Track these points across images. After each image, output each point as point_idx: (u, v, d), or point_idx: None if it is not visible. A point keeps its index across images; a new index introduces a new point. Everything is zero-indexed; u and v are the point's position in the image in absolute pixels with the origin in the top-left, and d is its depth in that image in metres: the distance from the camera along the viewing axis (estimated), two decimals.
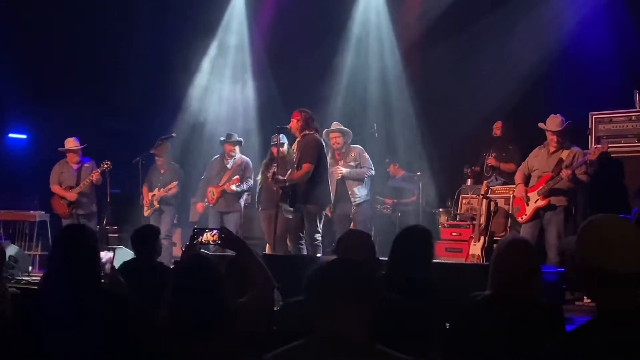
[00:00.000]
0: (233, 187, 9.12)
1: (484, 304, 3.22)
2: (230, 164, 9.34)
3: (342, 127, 8.86)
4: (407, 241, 3.98)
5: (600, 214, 2.30)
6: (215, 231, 3.67)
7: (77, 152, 9.52)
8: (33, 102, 10.86)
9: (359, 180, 8.74)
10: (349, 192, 8.67)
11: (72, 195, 9.30)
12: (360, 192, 8.72)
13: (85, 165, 9.46)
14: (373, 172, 8.92)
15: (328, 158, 8.61)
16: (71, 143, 9.51)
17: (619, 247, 2.17)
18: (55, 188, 9.45)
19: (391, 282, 3.64)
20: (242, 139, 9.63)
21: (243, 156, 9.49)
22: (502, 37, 9.52)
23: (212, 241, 3.65)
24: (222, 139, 9.59)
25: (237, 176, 9.17)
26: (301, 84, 10.51)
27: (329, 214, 8.63)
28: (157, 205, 9.55)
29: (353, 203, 8.63)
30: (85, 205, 9.41)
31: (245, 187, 9.28)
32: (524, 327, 3.00)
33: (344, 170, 8.64)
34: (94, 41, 11.02)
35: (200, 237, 3.69)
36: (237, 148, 9.41)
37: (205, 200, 9.45)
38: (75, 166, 9.49)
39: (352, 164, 8.72)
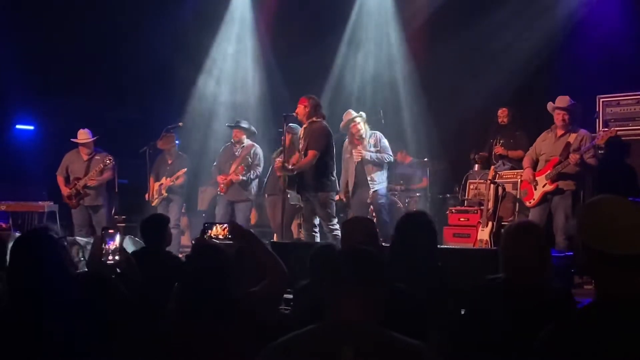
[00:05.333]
0: (239, 177, 9.08)
1: (499, 287, 3.24)
2: (238, 151, 9.31)
3: (358, 115, 8.57)
4: (409, 227, 3.90)
5: (601, 195, 2.24)
6: (225, 225, 3.67)
7: (89, 145, 9.50)
8: (40, 93, 10.87)
9: (379, 165, 8.49)
10: (368, 178, 8.44)
11: (64, 190, 9.34)
12: (379, 178, 8.49)
13: (96, 157, 9.41)
14: (392, 158, 8.72)
15: (347, 143, 8.63)
16: (83, 135, 9.46)
17: (617, 229, 2.12)
18: (59, 179, 9.49)
19: (394, 269, 3.61)
20: (250, 127, 9.52)
21: (252, 143, 9.41)
22: (508, 22, 9.48)
23: (222, 235, 3.67)
24: (229, 124, 9.61)
25: (243, 165, 9.13)
26: (307, 72, 10.49)
27: (344, 199, 8.62)
28: (165, 194, 9.56)
29: (372, 189, 8.44)
30: (93, 196, 9.37)
31: (252, 175, 9.21)
32: (537, 310, 3.01)
33: (364, 152, 8.42)
34: (100, 31, 11.02)
35: (210, 230, 3.71)
36: (244, 135, 9.36)
37: (218, 189, 9.43)
38: (86, 157, 9.48)
39: (371, 149, 8.50)
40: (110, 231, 3.71)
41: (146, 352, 3.09)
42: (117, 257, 3.64)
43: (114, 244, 3.66)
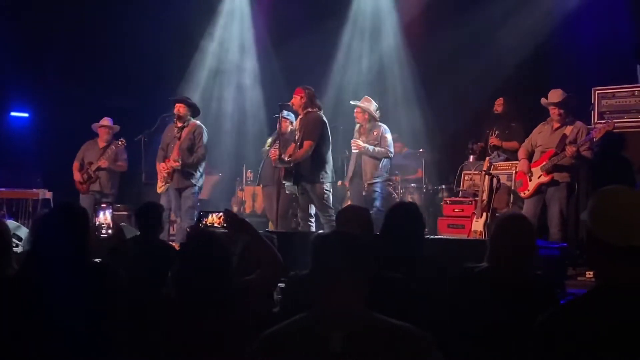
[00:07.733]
0: (178, 163, 8.43)
1: (480, 276, 3.32)
2: (179, 133, 8.68)
3: (364, 105, 8.52)
4: (396, 218, 3.95)
5: (614, 185, 2.24)
6: (220, 213, 3.69)
7: (109, 131, 9.56)
8: (35, 80, 10.83)
9: (375, 159, 8.42)
10: (364, 170, 8.42)
11: (77, 176, 9.36)
12: (374, 172, 8.41)
13: (112, 146, 9.43)
14: (391, 154, 8.56)
15: (356, 130, 8.62)
16: (105, 121, 9.61)
17: (625, 220, 2.12)
18: (75, 165, 9.51)
19: (383, 259, 3.63)
20: (195, 104, 9.00)
21: (196, 122, 8.81)
22: (504, 12, 9.47)
23: (218, 223, 3.68)
24: (172, 98, 9.04)
25: (184, 149, 8.50)
26: (303, 61, 10.46)
27: (347, 185, 8.81)
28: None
29: (366, 181, 8.42)
30: (104, 183, 9.37)
31: (195, 159, 8.57)
32: (518, 299, 3.11)
33: (362, 144, 8.38)
34: (95, 19, 10.98)
35: (205, 219, 3.72)
36: (188, 112, 8.74)
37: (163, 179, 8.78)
38: (102, 144, 9.53)
39: (372, 142, 8.42)
40: (103, 205, 3.75)
41: (141, 338, 3.10)
42: (109, 231, 3.68)
43: (105, 216, 3.70)
